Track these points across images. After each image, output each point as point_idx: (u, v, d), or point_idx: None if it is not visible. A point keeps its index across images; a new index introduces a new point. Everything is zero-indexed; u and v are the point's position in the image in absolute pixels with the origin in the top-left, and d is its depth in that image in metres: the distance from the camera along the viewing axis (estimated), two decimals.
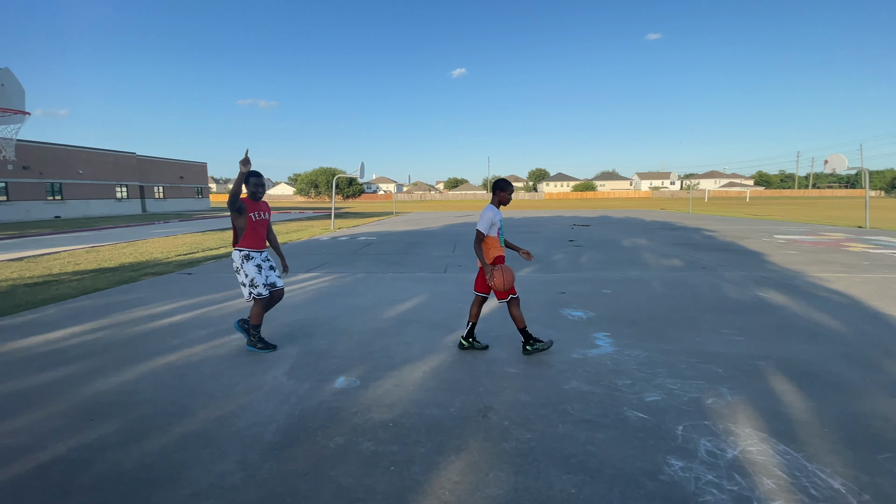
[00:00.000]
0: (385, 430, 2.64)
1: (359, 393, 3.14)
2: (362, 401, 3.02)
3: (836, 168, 15.73)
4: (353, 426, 2.69)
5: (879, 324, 4.66)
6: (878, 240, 12.44)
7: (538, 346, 3.85)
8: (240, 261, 3.86)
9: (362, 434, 2.59)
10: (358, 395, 3.10)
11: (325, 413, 2.86)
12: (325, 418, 2.79)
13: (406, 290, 6.46)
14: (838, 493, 2.06)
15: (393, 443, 2.49)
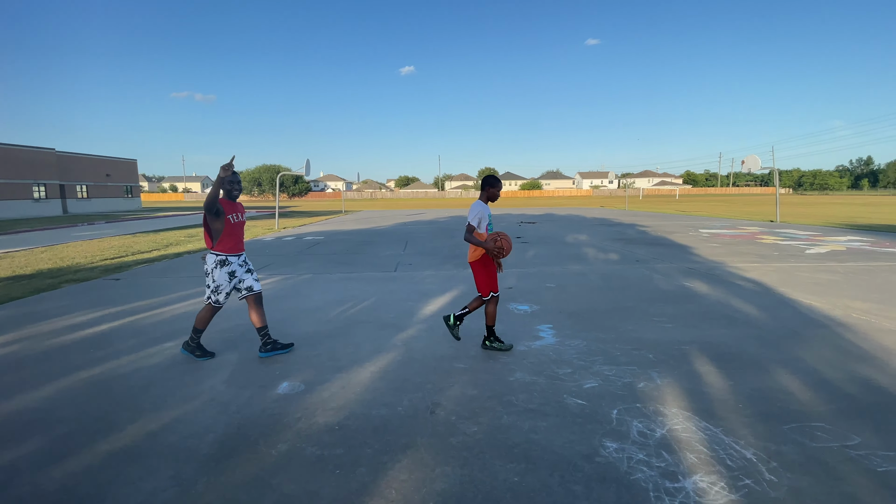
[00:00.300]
0: (331, 433, 2.60)
1: (303, 398, 3.06)
2: (307, 405, 2.95)
3: (752, 168, 17.26)
4: (296, 432, 2.62)
5: (787, 308, 5.19)
6: (786, 232, 13.83)
7: (497, 346, 3.91)
8: (213, 265, 3.67)
9: (306, 439, 2.53)
10: (302, 400, 3.02)
11: (268, 420, 2.77)
12: (268, 425, 2.70)
13: (355, 290, 6.37)
14: (750, 463, 2.28)
15: (338, 446, 2.46)
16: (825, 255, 9.17)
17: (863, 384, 3.15)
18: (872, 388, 3.08)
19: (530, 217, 23.48)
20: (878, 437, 2.49)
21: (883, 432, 2.53)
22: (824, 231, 14.01)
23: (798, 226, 15.96)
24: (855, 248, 10.21)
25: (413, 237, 13.74)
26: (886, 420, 2.66)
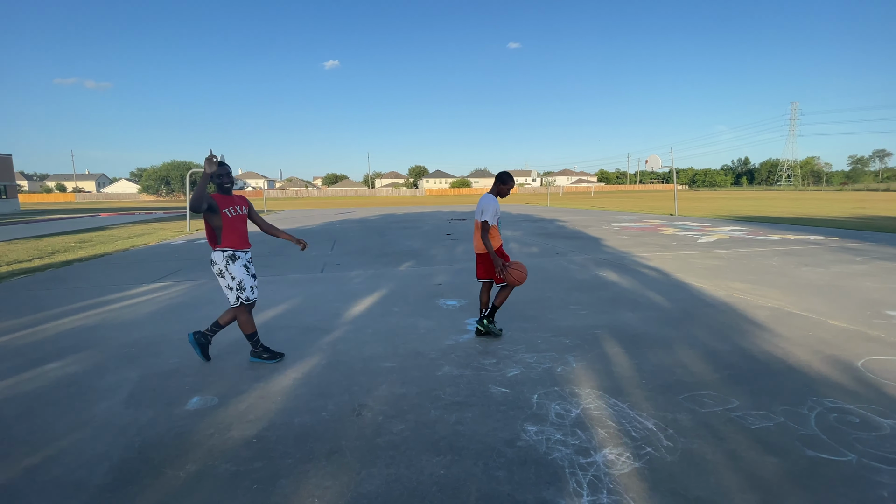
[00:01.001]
0: (248, 447, 2.45)
1: (216, 412, 2.85)
2: (221, 420, 2.75)
3: (654, 167, 19.08)
4: (208, 449, 2.43)
5: (682, 291, 5.80)
6: (683, 224, 15.49)
7: (490, 329, 4.14)
8: (223, 262, 3.45)
9: (220, 456, 2.36)
10: (216, 415, 2.81)
11: (175, 440, 2.54)
12: (175, 446, 2.48)
13: (276, 293, 6.05)
14: (651, 432, 2.53)
15: (257, 459, 2.33)
16: (713, 243, 10.40)
17: (741, 354, 3.62)
18: (748, 357, 3.55)
19: (460, 214, 23.89)
20: (752, 399, 2.87)
21: (756, 395, 2.93)
22: (713, 222, 15.88)
23: (692, 218, 17.94)
24: (736, 236, 11.70)
25: (341, 237, 13.37)
26: (758, 384, 3.08)
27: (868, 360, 3.46)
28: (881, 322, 4.36)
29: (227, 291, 3.52)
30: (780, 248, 9.43)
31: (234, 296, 3.49)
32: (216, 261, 3.49)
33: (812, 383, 3.08)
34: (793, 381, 3.11)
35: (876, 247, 9.35)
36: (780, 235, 11.63)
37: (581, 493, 2.02)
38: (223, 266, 3.46)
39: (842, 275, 6.56)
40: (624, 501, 1.97)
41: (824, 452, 2.30)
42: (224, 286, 3.52)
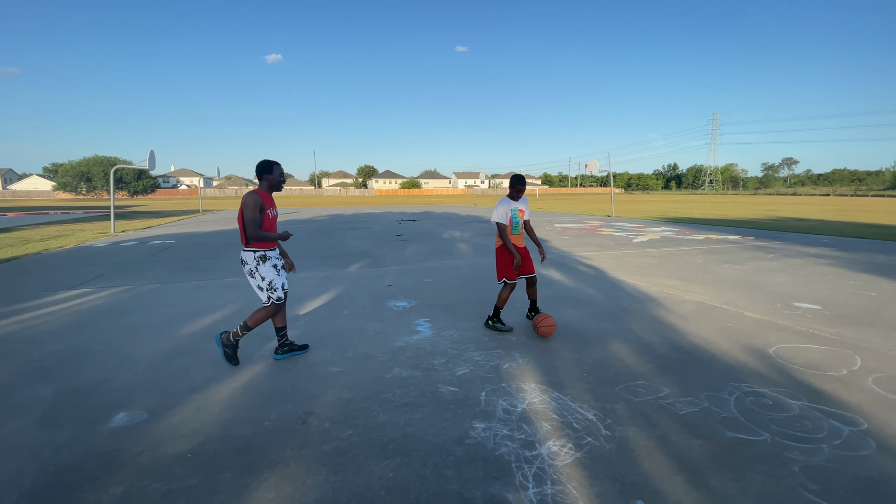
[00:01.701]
0: (181, 463, 2.29)
1: (146, 428, 2.65)
2: (151, 436, 2.56)
3: (593, 171, 20.08)
4: (137, 468, 2.26)
5: (618, 288, 6.16)
6: (619, 225, 16.44)
7: (497, 326, 4.33)
8: (254, 263, 3.41)
9: (151, 475, 2.20)
10: (145, 431, 2.61)
11: (97, 461, 2.33)
12: (97, 467, 2.27)
13: (214, 299, 5.72)
14: (592, 423, 2.66)
15: (192, 476, 2.19)
16: (646, 243, 11.13)
17: (670, 345, 3.90)
18: (676, 348, 3.84)
19: (410, 215, 23.80)
20: (680, 386, 3.11)
21: (683, 383, 3.17)
22: (645, 223, 16.98)
23: (627, 219, 19.09)
24: (666, 236, 12.60)
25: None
26: (685, 373, 3.34)
27: (779, 347, 3.85)
28: (790, 313, 4.87)
29: (257, 291, 3.50)
30: (703, 246, 10.27)
31: (266, 296, 3.48)
32: (247, 261, 3.43)
33: (731, 370, 3.38)
34: (715, 369, 3.40)
35: (785, 245, 10.44)
36: (703, 235, 12.66)
37: (527, 486, 2.09)
38: (254, 266, 3.43)
39: (756, 271, 7.26)
40: (567, 491, 2.06)
41: (742, 433, 2.53)
42: (255, 286, 3.49)
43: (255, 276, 3.44)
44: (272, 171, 3.47)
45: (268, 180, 3.48)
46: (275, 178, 3.49)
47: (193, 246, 11.15)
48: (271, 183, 3.49)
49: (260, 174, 3.49)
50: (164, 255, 9.52)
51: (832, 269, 7.37)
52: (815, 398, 2.92)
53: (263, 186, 3.48)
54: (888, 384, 3.11)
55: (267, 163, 3.48)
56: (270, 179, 3.48)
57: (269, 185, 3.49)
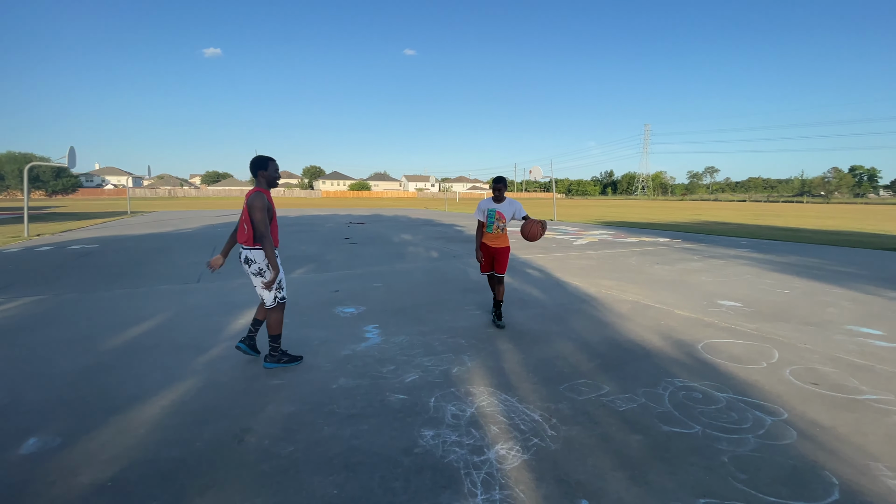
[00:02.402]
0: (100, 493, 2.07)
1: (59, 455, 2.37)
2: (65, 463, 2.29)
3: (536, 176, 20.78)
4: (49, 500, 2.01)
5: (561, 289, 6.38)
6: (561, 229, 17.11)
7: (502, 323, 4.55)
8: (265, 262, 3.34)
9: None
10: (58, 458, 2.33)
11: (4, 492, 2.05)
12: (4, 499, 1.99)
13: (141, 309, 5.26)
14: (538, 423, 2.71)
15: None
16: (585, 245, 11.65)
17: (609, 344, 4.08)
18: (615, 346, 4.02)
19: (359, 218, 23.35)
20: (619, 384, 3.25)
21: (622, 380, 3.32)
22: (585, 227, 17.79)
23: (569, 223, 19.91)
24: (604, 239, 13.26)
25: (223, 241, 12.14)
26: (624, 371, 3.50)
27: (706, 343, 4.14)
28: (714, 310, 5.26)
29: (263, 293, 3.43)
30: (637, 249, 10.91)
31: (272, 296, 3.43)
32: (256, 259, 3.35)
33: (665, 366, 3.59)
34: (650, 365, 3.59)
35: (708, 247, 11.31)
36: (637, 238, 13.46)
37: (475, 493, 2.08)
38: (264, 265, 3.35)
39: (685, 271, 7.80)
40: (514, 495, 2.07)
41: (676, 427, 2.68)
42: (261, 285, 3.41)
43: (265, 275, 3.38)
44: (267, 167, 3.37)
45: (264, 177, 3.37)
46: (270, 174, 3.39)
47: (120, 251, 10.24)
48: (268, 180, 3.39)
49: (255, 170, 3.37)
50: (86, 262, 8.66)
51: (750, 268, 8.08)
52: (739, 390, 3.16)
53: (262, 184, 3.38)
54: (804, 375, 3.42)
55: (262, 159, 3.37)
56: (267, 176, 3.37)
57: (267, 182, 3.39)
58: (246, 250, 3.38)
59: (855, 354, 3.86)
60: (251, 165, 3.40)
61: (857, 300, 5.78)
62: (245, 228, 3.36)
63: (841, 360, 3.74)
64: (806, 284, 6.73)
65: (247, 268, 3.42)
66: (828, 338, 4.29)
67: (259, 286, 3.44)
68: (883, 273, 7.76)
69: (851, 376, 3.40)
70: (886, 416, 2.81)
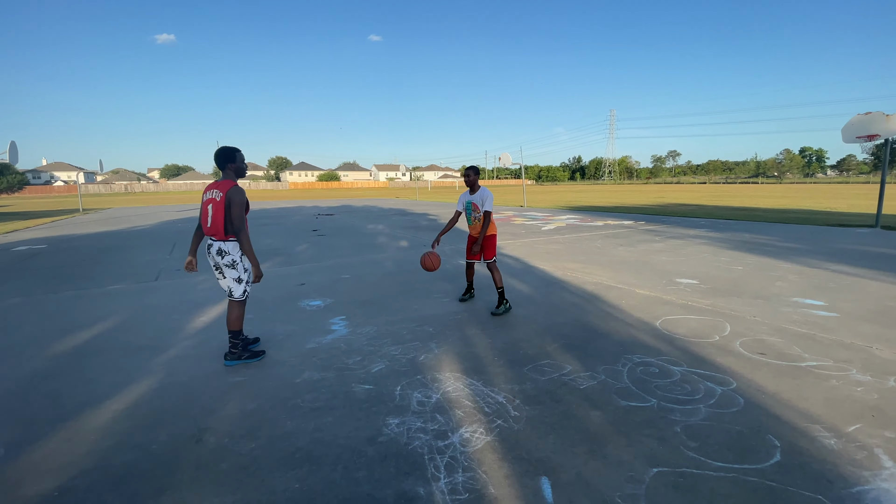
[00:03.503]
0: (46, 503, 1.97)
1: (1, 466, 2.24)
2: (7, 475, 2.17)
3: (506, 163, 20.86)
4: None
5: (530, 273, 6.47)
6: (530, 214, 17.32)
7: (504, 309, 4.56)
8: (238, 253, 3.32)
9: None
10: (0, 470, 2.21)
11: None
12: None
13: (92, 310, 5.01)
14: (501, 405, 2.75)
15: None
16: (553, 230, 11.85)
17: (574, 325, 4.18)
18: (579, 327, 4.12)
19: (327, 209, 22.90)
20: (581, 363, 3.34)
21: (584, 358, 3.41)
22: (553, 212, 18.08)
23: (538, 209, 20.18)
24: (571, 223, 13.52)
25: (184, 237, 11.68)
26: (586, 350, 3.59)
27: (664, 319, 4.30)
28: (673, 288, 5.46)
29: (233, 284, 3.36)
30: (602, 232, 11.18)
31: (242, 288, 3.39)
32: (229, 251, 3.28)
33: (625, 343, 3.71)
34: (611, 343, 3.70)
35: (669, 228, 11.71)
36: (602, 222, 13.79)
37: (438, 477, 2.10)
38: (237, 257, 3.32)
39: (646, 252, 8.06)
40: (477, 476, 2.11)
41: (633, 401, 2.78)
42: (232, 279, 3.35)
43: (237, 268, 3.35)
44: (234, 158, 3.29)
45: (233, 168, 3.29)
46: (238, 164, 3.31)
47: (69, 251, 9.69)
48: (237, 171, 3.31)
49: (223, 163, 3.27)
50: (31, 264, 8.15)
51: (707, 247, 8.42)
52: (693, 363, 3.31)
53: (231, 176, 3.29)
54: (752, 346, 3.61)
55: (229, 150, 3.28)
56: (235, 167, 3.30)
57: (236, 173, 3.30)
58: (219, 242, 3.28)
59: (799, 324, 4.09)
60: (218, 157, 3.28)
61: (804, 273, 6.12)
62: (211, 221, 3.24)
63: (786, 330, 3.96)
64: (757, 261, 7.08)
65: (219, 259, 3.31)
66: (776, 310, 4.53)
67: (230, 279, 3.35)
68: (827, 247, 8.24)
69: (795, 345, 3.61)
70: (826, 380, 3.01)
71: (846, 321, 4.16)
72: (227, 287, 3.41)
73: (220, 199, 3.21)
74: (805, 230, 10.91)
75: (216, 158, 3.30)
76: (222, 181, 3.28)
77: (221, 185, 3.25)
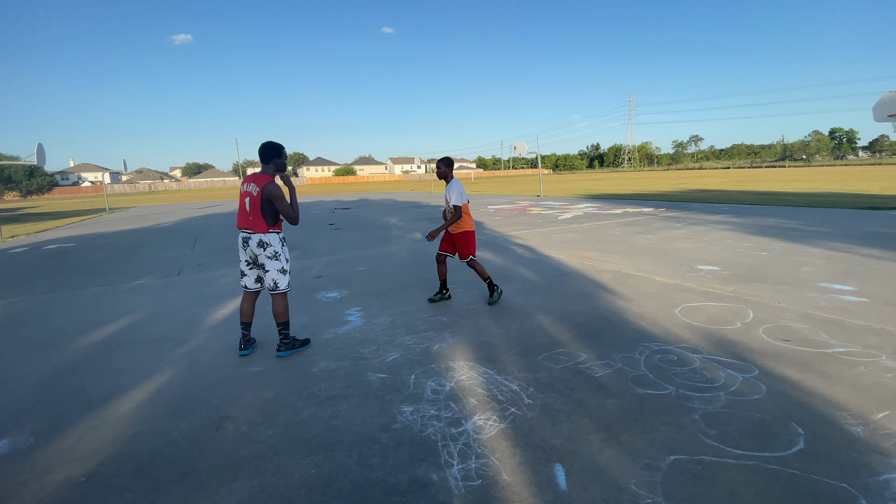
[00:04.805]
0: (74, 489, 2.05)
1: (32, 454, 2.34)
2: (37, 463, 2.27)
3: (521, 152, 20.62)
4: (20, 500, 1.99)
5: (544, 263, 6.40)
6: (547, 204, 17.11)
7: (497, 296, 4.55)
8: (280, 244, 3.39)
9: None
10: (30, 458, 2.31)
11: None
12: None
13: (118, 305, 5.18)
14: (515, 393, 2.74)
15: (86, 501, 1.97)
16: (570, 219, 11.68)
17: (589, 313, 4.12)
18: (595, 315, 4.06)
19: (344, 203, 23.08)
20: (597, 351, 3.29)
21: (599, 347, 3.36)
22: (571, 201, 17.82)
23: (555, 198, 19.92)
24: (589, 212, 13.31)
25: (205, 234, 11.95)
26: (602, 338, 3.54)
27: (683, 307, 4.21)
28: (693, 275, 5.33)
29: (278, 276, 3.40)
30: (621, 220, 10.97)
31: (287, 280, 3.43)
32: (271, 243, 3.34)
33: (643, 331, 3.64)
34: (628, 331, 3.64)
35: (691, 214, 11.43)
36: (621, 209, 13.53)
37: (452, 464, 2.11)
38: (279, 248, 3.38)
39: (666, 239, 7.88)
40: (490, 463, 2.10)
41: (650, 389, 2.73)
42: (276, 270, 3.38)
43: (280, 259, 3.39)
44: (280, 154, 3.35)
45: (276, 164, 3.34)
46: (282, 161, 3.37)
47: (97, 248, 10.03)
48: (279, 167, 3.36)
49: (268, 157, 3.31)
50: (61, 261, 8.47)
51: (730, 233, 8.19)
52: (713, 351, 3.23)
53: (269, 171, 3.33)
54: (776, 333, 3.50)
55: (275, 146, 3.34)
56: (279, 163, 3.35)
57: (277, 168, 3.35)
58: (258, 234, 3.30)
59: (826, 310, 3.95)
60: (264, 151, 3.31)
61: (832, 258, 5.90)
62: (250, 214, 3.28)
63: (812, 316, 3.83)
64: (783, 246, 6.85)
65: (260, 252, 3.33)
66: (801, 296, 4.38)
67: (274, 270, 3.38)
68: (857, 231, 7.92)
69: (821, 331, 3.49)
70: (853, 367, 2.90)
71: (876, 306, 3.99)
72: (271, 280, 3.39)
73: (256, 193, 3.23)
74: (834, 214, 10.50)
75: (262, 152, 3.31)
76: (260, 175, 3.29)
77: (259, 179, 3.26)
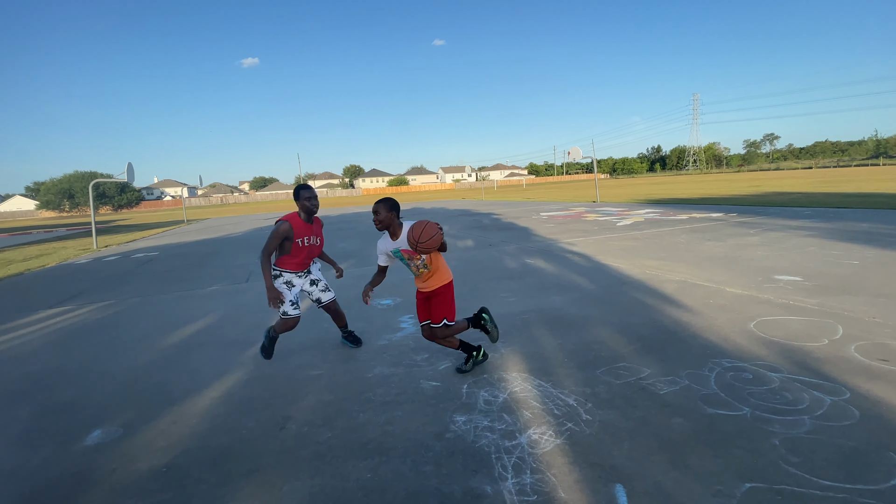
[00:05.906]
0: (157, 478, 2.24)
1: (121, 444, 2.59)
2: (125, 452, 2.50)
3: (576, 157, 20.13)
4: (110, 487, 2.20)
5: (601, 272, 6.16)
6: (603, 210, 16.48)
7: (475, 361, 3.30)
8: (318, 271, 3.89)
9: (123, 492, 2.15)
10: (119, 447, 2.55)
11: (71, 480, 2.27)
12: (71, 487, 2.22)
13: (194, 309, 5.63)
14: (572, 408, 2.64)
15: (167, 490, 2.14)
16: (630, 225, 11.17)
17: (652, 326, 3.90)
18: (658, 328, 3.84)
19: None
20: (661, 366, 3.10)
21: (664, 362, 3.17)
22: (630, 207, 17.04)
23: (612, 204, 19.15)
24: (650, 218, 12.65)
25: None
26: (667, 352, 3.34)
27: (759, 321, 3.87)
28: (770, 286, 4.90)
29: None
30: (687, 226, 10.32)
31: (283, 309, 3.59)
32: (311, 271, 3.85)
33: (712, 346, 3.39)
34: (696, 346, 3.40)
35: (767, 220, 10.52)
36: (687, 215, 12.73)
37: (506, 477, 2.07)
38: (318, 275, 3.87)
39: (738, 246, 7.31)
40: (546, 479, 2.04)
41: (722, 409, 2.53)
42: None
43: (319, 283, 3.85)
44: (298, 196, 3.59)
45: (297, 205, 3.60)
46: (301, 202, 3.57)
47: (177, 256, 10.99)
48: (301, 207, 3.59)
49: (295, 196, 3.64)
50: (147, 268, 9.37)
51: (814, 240, 7.44)
52: (795, 370, 2.93)
53: (298, 207, 3.62)
54: (871, 351, 3.12)
55: (297, 187, 3.64)
56: (298, 204, 3.60)
57: (300, 209, 3.59)
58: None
59: None
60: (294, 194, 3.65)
61: None
62: None
63: None
64: (878, 254, 6.12)
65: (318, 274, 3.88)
66: None
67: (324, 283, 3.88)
68: None
69: None
70: None
71: None
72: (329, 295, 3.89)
73: None
74: None
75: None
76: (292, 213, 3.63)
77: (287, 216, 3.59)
